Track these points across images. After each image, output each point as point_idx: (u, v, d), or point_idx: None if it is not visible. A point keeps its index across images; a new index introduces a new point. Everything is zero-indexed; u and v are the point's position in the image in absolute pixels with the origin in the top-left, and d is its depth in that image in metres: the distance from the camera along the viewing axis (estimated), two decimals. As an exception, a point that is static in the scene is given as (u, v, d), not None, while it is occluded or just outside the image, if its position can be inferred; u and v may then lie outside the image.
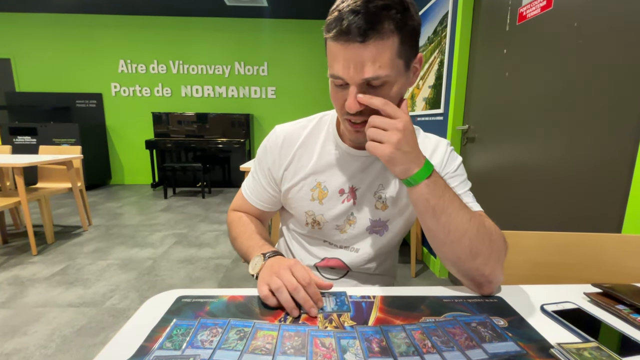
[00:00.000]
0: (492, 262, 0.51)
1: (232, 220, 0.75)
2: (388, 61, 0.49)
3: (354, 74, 0.50)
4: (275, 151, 0.70)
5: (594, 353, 0.38)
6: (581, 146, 1.15)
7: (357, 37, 0.47)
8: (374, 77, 0.49)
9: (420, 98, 2.56)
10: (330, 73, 0.53)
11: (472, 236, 0.51)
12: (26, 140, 4.26)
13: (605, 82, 1.05)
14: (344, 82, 0.52)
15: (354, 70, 0.49)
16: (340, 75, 0.51)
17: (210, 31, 4.69)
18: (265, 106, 4.95)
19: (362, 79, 0.50)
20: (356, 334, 0.43)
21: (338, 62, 0.50)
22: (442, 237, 0.52)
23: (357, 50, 0.48)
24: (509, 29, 1.52)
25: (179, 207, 3.72)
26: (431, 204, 0.50)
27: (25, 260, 2.18)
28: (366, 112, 0.53)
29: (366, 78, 0.49)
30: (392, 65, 0.50)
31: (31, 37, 4.55)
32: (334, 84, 0.55)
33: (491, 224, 0.55)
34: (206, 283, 1.96)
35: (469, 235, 0.51)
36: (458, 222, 0.50)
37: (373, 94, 0.51)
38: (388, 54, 0.49)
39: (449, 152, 0.66)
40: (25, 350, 1.33)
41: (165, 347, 0.40)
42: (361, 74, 0.49)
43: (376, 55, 0.48)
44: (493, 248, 0.52)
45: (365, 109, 0.53)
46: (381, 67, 0.49)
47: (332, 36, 0.49)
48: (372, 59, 0.48)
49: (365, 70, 0.49)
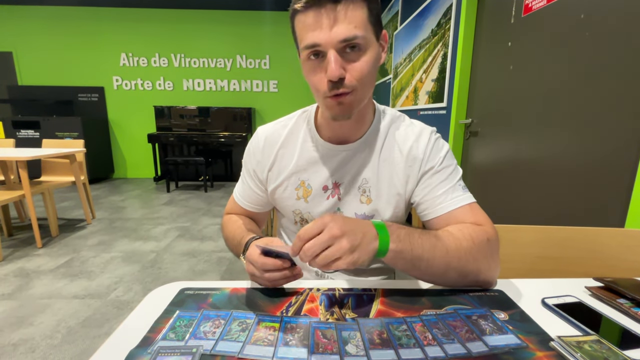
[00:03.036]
0: (483, 271, 0.53)
1: (223, 225, 0.76)
2: (362, 22, 0.50)
3: (329, 35, 0.49)
4: (257, 153, 0.70)
5: (594, 346, 0.38)
6: (586, 140, 1.14)
7: (329, 0, 0.48)
8: (351, 36, 0.49)
9: (424, 92, 2.54)
10: (304, 45, 0.51)
11: (455, 265, 0.51)
12: (29, 134, 4.28)
13: (611, 75, 1.04)
14: (320, 50, 0.50)
15: (328, 32, 0.49)
16: (315, 42, 0.50)
17: (212, 24, 4.65)
18: (267, 100, 4.93)
19: (339, 40, 0.49)
20: (357, 325, 0.43)
21: (312, 29, 0.50)
22: (429, 278, 0.53)
23: (330, 12, 0.48)
24: (514, 21, 1.50)
25: (181, 200, 3.74)
26: (407, 259, 0.49)
27: (31, 253, 2.21)
28: (347, 83, 0.52)
29: (344, 38, 0.49)
30: (365, 27, 0.50)
31: (33, 30, 4.53)
32: (308, 60, 0.53)
33: (469, 232, 0.53)
34: (209, 276, 1.97)
35: (452, 266, 0.51)
36: (438, 262, 0.50)
37: (351, 61, 0.51)
38: (360, 13, 0.49)
39: (433, 142, 0.64)
40: (31, 341, 1.36)
41: (169, 337, 0.40)
42: (337, 35, 0.49)
43: (350, 15, 0.49)
44: (479, 259, 0.52)
45: (348, 75, 0.51)
46: (357, 27, 0.49)
47: (303, 5, 0.49)
48: (347, 19, 0.49)
49: (340, 30, 0.49)
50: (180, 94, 4.86)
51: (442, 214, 0.59)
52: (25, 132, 4.28)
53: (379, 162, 0.65)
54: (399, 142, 0.65)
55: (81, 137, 4.25)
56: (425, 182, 0.63)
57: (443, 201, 0.60)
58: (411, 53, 2.82)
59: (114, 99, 4.82)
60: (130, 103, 4.84)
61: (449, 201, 0.59)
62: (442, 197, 0.60)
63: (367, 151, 0.65)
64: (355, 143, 0.65)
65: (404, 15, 3.03)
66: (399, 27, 3.16)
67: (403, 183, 0.64)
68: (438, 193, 0.61)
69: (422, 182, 0.63)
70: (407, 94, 2.96)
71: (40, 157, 2.27)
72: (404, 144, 0.65)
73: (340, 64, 0.50)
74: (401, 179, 0.64)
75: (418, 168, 0.63)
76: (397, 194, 0.65)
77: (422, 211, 0.63)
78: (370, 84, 0.56)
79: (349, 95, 0.53)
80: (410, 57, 2.85)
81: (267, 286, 0.52)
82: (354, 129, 0.64)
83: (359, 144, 0.65)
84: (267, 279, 0.50)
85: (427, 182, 0.62)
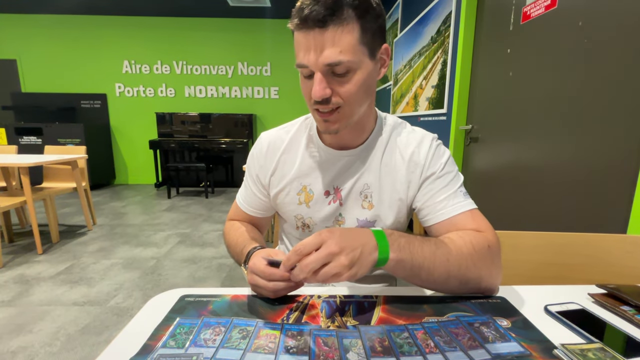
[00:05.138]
0: (484, 277, 0.52)
1: (225, 231, 0.75)
2: (349, 46, 0.50)
3: (315, 59, 0.50)
4: (260, 158, 0.70)
5: (598, 354, 0.37)
6: (586, 147, 1.14)
7: (317, 23, 0.49)
8: (335, 62, 0.50)
9: (424, 98, 2.55)
10: (297, 63, 0.54)
11: (456, 273, 0.51)
12: (32, 141, 4.30)
13: (610, 82, 1.04)
14: (309, 72, 0.53)
15: (315, 55, 0.50)
16: (303, 63, 0.52)
17: (214, 32, 4.71)
18: (268, 106, 4.96)
19: (323, 64, 0.50)
20: (359, 333, 0.43)
21: (302, 50, 0.52)
22: (430, 285, 0.53)
23: (317, 35, 0.49)
24: (513, 28, 1.51)
25: (182, 206, 3.73)
26: (407, 268, 0.49)
27: (31, 259, 2.20)
28: (333, 100, 0.54)
29: (328, 63, 0.50)
30: (354, 51, 0.50)
31: (36, 38, 4.59)
32: (302, 75, 0.56)
33: (470, 239, 0.53)
34: (209, 282, 1.96)
35: (453, 273, 0.51)
36: (438, 270, 0.50)
37: (339, 82, 0.52)
38: (349, 38, 0.50)
39: (434, 148, 0.64)
40: (30, 348, 1.34)
41: (169, 345, 0.40)
42: (322, 59, 0.50)
43: (336, 40, 0.49)
44: (481, 266, 0.52)
45: (331, 96, 0.53)
46: (342, 52, 0.50)
47: (295, 25, 0.51)
48: (332, 43, 0.49)
49: (325, 55, 0.50)
50: (181, 101, 4.90)
51: (443, 219, 0.59)
52: (27, 138, 4.30)
53: (381, 167, 0.65)
54: (400, 148, 0.65)
55: (83, 144, 4.27)
56: (427, 188, 0.63)
57: (444, 207, 0.60)
58: (411, 60, 2.84)
59: (116, 106, 4.85)
60: (132, 110, 4.87)
61: (450, 207, 0.59)
62: (443, 203, 0.60)
63: (369, 157, 0.66)
64: (356, 149, 0.65)
65: (403, 23, 3.06)
66: (398, 34, 3.19)
67: (405, 188, 0.64)
68: (439, 199, 0.61)
69: (424, 188, 0.63)
70: (407, 100, 2.98)
71: (42, 164, 2.28)
72: (405, 150, 0.65)
73: (326, 84, 0.52)
74: (403, 184, 0.64)
75: (420, 174, 0.63)
76: (399, 199, 0.65)
77: (423, 217, 0.63)
78: (362, 100, 0.57)
79: (334, 114, 0.55)
80: (410, 63, 2.88)
81: (269, 296, 0.51)
82: (354, 136, 0.65)
83: (361, 150, 0.65)
84: (272, 289, 0.49)
85: (429, 188, 0.62)
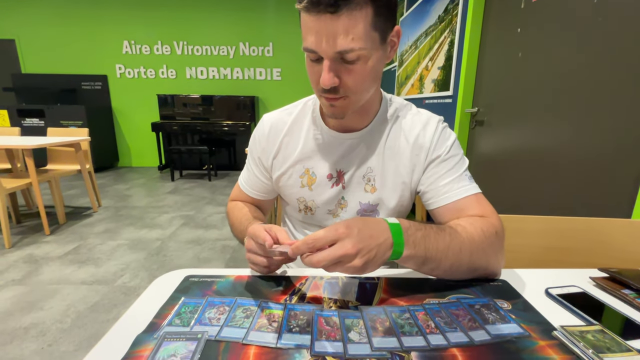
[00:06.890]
0: (491, 264, 0.53)
1: (228, 210, 0.76)
2: (362, 33, 0.47)
3: (327, 47, 0.48)
4: (263, 140, 0.69)
5: (597, 336, 0.38)
6: (594, 130, 1.12)
7: (328, 8, 0.45)
8: (347, 49, 0.47)
9: (429, 80, 2.50)
10: (304, 46, 0.51)
11: (466, 261, 0.50)
12: (34, 122, 4.29)
13: (623, 63, 1.01)
14: (318, 56, 0.50)
15: (327, 43, 0.47)
16: (313, 49, 0.49)
17: (214, 11, 4.58)
18: (271, 88, 4.89)
19: (335, 52, 0.48)
20: (360, 313, 0.44)
21: (311, 34, 0.48)
22: (441, 274, 0.51)
23: (328, 21, 0.46)
24: (524, 6, 1.46)
25: (185, 189, 3.76)
26: (419, 262, 0.48)
27: (39, 240, 2.25)
28: (341, 88, 0.52)
29: (339, 51, 0.48)
30: (366, 37, 0.48)
31: (35, 18, 4.49)
32: (309, 58, 0.53)
33: (480, 226, 0.53)
34: (213, 263, 2.00)
35: (464, 262, 0.50)
36: (450, 260, 0.49)
37: (348, 70, 0.50)
38: (362, 25, 0.47)
39: (440, 131, 0.63)
40: (42, 325, 1.39)
41: (174, 323, 0.41)
42: (334, 47, 0.47)
43: (349, 27, 0.46)
44: (490, 254, 0.52)
45: (340, 84, 0.51)
46: (354, 39, 0.47)
47: (303, 7, 0.47)
48: (345, 31, 0.46)
49: (338, 43, 0.47)
50: (183, 82, 4.83)
51: (448, 203, 0.59)
52: (30, 120, 4.29)
53: (385, 150, 0.64)
54: (405, 131, 0.64)
55: (85, 126, 4.25)
56: (432, 171, 0.62)
57: (449, 190, 0.59)
58: (417, 40, 2.76)
59: (117, 87, 4.80)
60: (133, 91, 4.82)
61: (455, 191, 0.59)
62: (447, 186, 0.60)
63: (373, 140, 0.65)
64: (360, 132, 0.64)
65: (410, 1, 2.95)
66: (404, 13, 3.09)
67: (409, 172, 0.64)
68: (444, 182, 0.60)
69: (428, 171, 0.62)
70: (412, 82, 2.91)
71: (47, 145, 2.29)
72: (410, 133, 0.64)
73: (335, 72, 0.50)
74: (407, 167, 0.64)
75: (425, 156, 0.62)
76: (402, 182, 0.64)
77: (427, 200, 0.63)
78: (370, 86, 0.56)
79: (341, 100, 0.54)
80: (416, 44, 2.80)
81: (262, 272, 0.53)
82: (359, 119, 0.64)
83: (365, 133, 0.64)
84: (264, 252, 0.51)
85: (433, 171, 0.62)
